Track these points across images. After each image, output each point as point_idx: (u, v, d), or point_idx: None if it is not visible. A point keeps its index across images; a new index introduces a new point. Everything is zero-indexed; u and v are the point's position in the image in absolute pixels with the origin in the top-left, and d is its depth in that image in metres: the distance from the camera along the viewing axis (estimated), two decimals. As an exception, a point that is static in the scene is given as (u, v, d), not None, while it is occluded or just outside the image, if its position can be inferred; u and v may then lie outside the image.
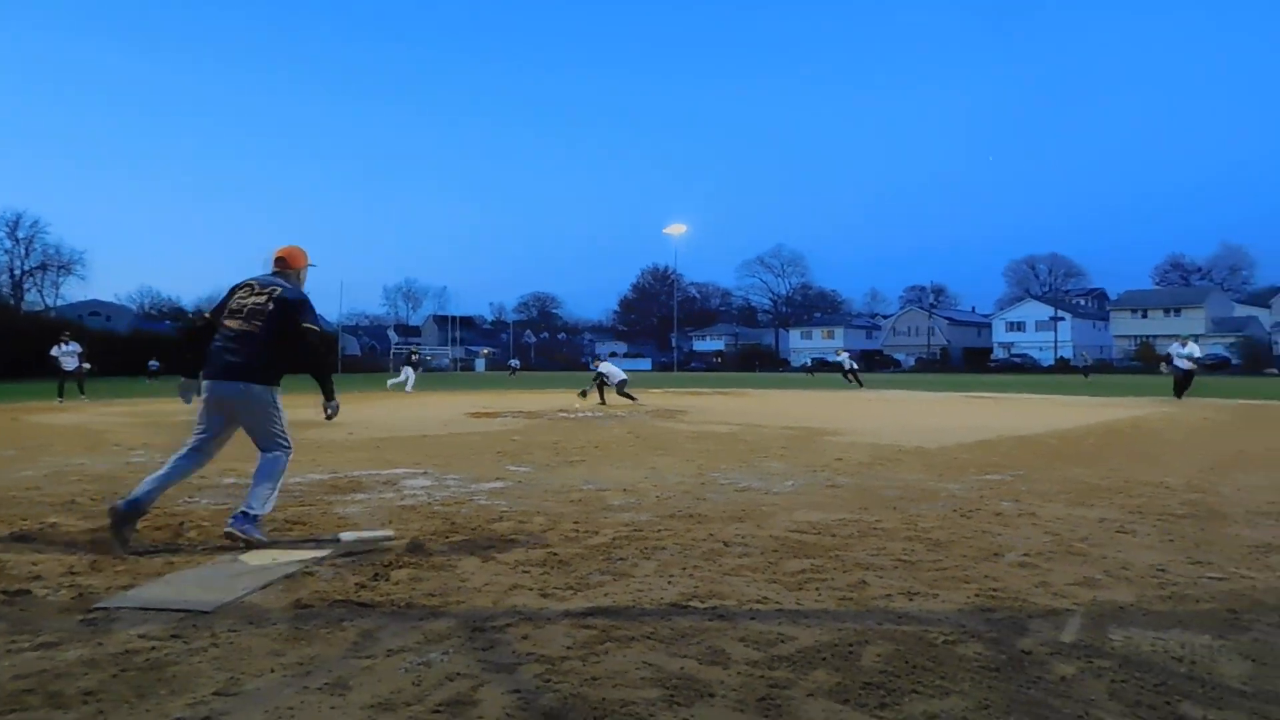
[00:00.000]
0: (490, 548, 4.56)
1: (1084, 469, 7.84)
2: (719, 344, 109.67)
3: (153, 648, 2.98)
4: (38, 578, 3.91)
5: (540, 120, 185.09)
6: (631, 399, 19.80)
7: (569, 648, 2.99)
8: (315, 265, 5.35)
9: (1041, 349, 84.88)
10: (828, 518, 5.42)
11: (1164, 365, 22.49)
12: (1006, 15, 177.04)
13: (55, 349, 21.32)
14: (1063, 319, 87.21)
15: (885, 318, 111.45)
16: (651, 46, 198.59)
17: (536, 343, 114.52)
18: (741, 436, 11.33)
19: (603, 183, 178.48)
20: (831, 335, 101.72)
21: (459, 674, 2.74)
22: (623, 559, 4.31)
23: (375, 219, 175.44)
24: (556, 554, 4.40)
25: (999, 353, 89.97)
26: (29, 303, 71.93)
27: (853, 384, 32.88)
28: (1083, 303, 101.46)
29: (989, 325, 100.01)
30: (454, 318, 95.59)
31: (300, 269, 5.17)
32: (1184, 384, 20.82)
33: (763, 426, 13.07)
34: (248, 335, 4.71)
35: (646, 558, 4.35)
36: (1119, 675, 2.71)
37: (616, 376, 20.17)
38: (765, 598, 3.62)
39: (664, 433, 12.01)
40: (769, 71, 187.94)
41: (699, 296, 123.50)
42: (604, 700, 2.52)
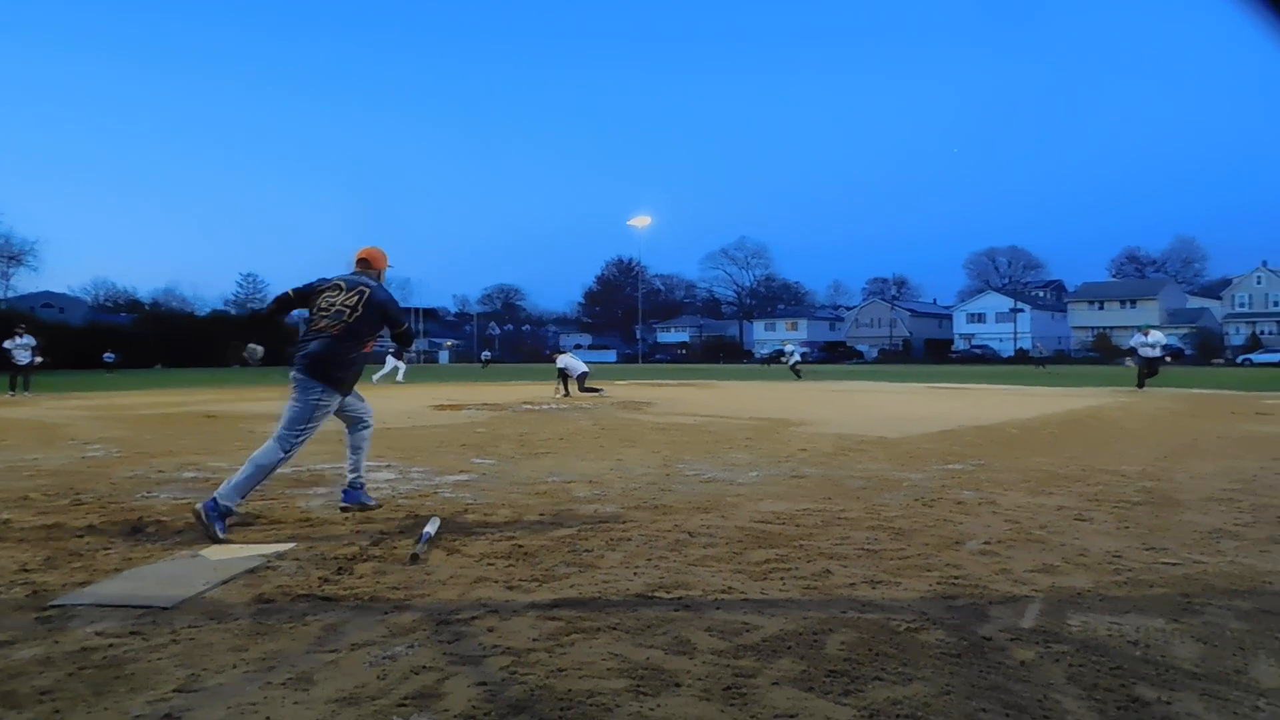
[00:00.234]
0: (456, 540, 4.54)
1: (1043, 458, 7.97)
2: (684, 336, 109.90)
3: (111, 645, 2.93)
4: (-9, 575, 3.83)
5: (503, 114, 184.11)
6: (595, 391, 19.72)
7: (535, 639, 2.98)
8: (393, 266, 5.77)
9: (1002, 340, 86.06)
10: (792, 508, 5.46)
11: (1128, 359, 22.05)
12: (971, 8, 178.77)
13: (9, 341, 20.78)
14: (1022, 310, 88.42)
15: (848, 309, 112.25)
16: (614, 40, 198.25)
17: (501, 335, 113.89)
18: (707, 428, 11.36)
19: (566, 175, 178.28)
20: (795, 327, 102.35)
21: (424, 667, 2.72)
22: (589, 550, 4.31)
23: (335, 212, 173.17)
24: (522, 546, 4.39)
25: (960, 344, 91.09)
26: (-22, 294, 70.34)
27: (792, 376, 33.30)
28: (1042, 295, 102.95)
29: (950, 317, 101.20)
30: (418, 309, 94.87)
31: (382, 269, 5.57)
32: (1148, 373, 20.48)
33: (728, 418, 13.13)
34: (331, 336, 5.05)
35: (612, 549, 4.35)
36: (1077, 659, 2.77)
37: (577, 369, 19.89)
38: (731, 588, 3.64)
39: (629, 424, 12.01)
40: (733, 64, 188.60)
41: (664, 288, 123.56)
42: (570, 691, 2.52)
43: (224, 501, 4.67)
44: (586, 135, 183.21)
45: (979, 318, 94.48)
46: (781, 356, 36.62)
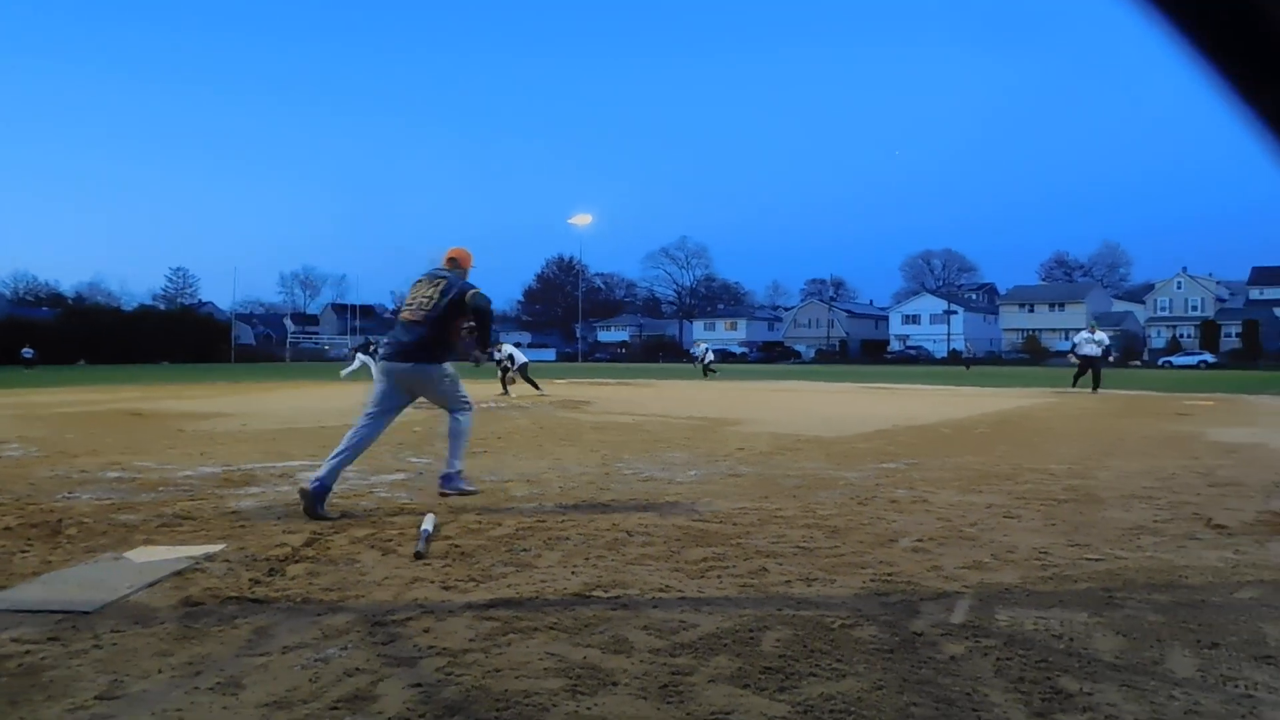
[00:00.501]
0: (391, 540, 4.48)
1: (974, 457, 8.15)
2: (624, 335, 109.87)
3: (27, 652, 2.82)
4: (-101, 580, 3.67)
5: (438, 110, 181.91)
6: (535, 387, 19.68)
7: (471, 640, 2.96)
8: (476, 268, 6.18)
9: (935, 341, 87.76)
10: (729, 506, 5.50)
11: (1072, 355, 21.40)
12: (909, 20, 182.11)
13: None
14: (955, 312, 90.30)
15: (787, 310, 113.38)
16: (553, 35, 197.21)
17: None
18: (645, 427, 11.39)
19: (505, 172, 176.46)
20: (734, 327, 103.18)
21: (358, 669, 2.68)
22: (526, 550, 4.29)
23: (270, 207, 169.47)
24: (458, 546, 4.35)
25: (895, 345, 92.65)
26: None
27: (702, 374, 33.97)
28: (974, 297, 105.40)
29: (886, 318, 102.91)
30: (354, 306, 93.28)
31: (467, 267, 5.98)
32: (1089, 372, 19.82)
33: (666, 417, 13.18)
34: (416, 324, 5.51)
35: (550, 548, 4.34)
36: (1004, 653, 2.83)
37: (520, 360, 19.88)
38: (668, 586, 3.65)
39: (568, 423, 11.99)
40: (673, 63, 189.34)
41: (604, 287, 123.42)
42: (506, 691, 2.51)
43: (452, 468, 5.65)
44: (528, 132, 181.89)
45: (914, 319, 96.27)
46: (696, 356, 37.63)
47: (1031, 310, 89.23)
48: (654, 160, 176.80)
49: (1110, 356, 20.72)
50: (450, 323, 5.55)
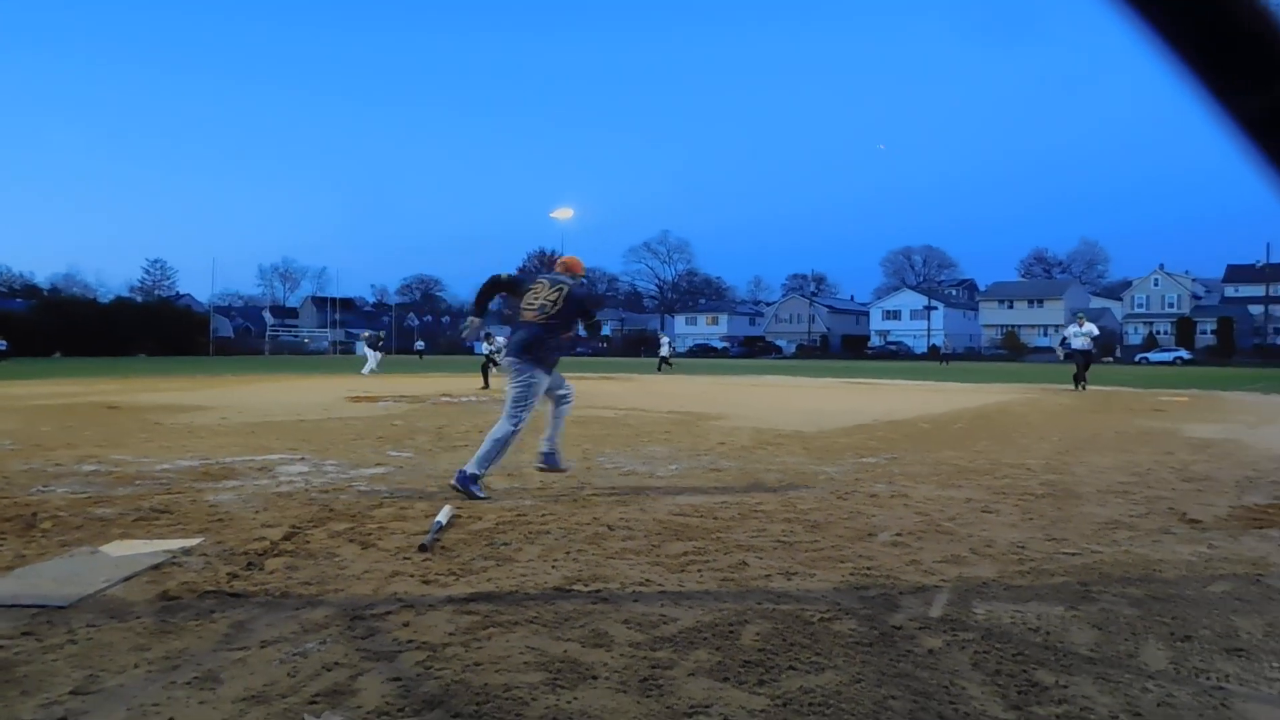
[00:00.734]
0: (370, 535, 4.46)
1: (953, 452, 8.21)
2: (605, 329, 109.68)
3: (1, 647, 2.80)
4: None
5: (423, 100, 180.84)
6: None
7: (451, 634, 2.95)
8: (586, 278, 6.61)
9: (916, 337, 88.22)
10: (710, 500, 5.51)
11: (1059, 350, 20.92)
12: (892, 15, 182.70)
13: None
14: (935, 308, 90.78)
15: (768, 305, 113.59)
16: (533, 27, 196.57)
17: (420, 326, 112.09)
18: (626, 421, 11.40)
19: (487, 166, 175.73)
20: (716, 321, 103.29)
21: (337, 663, 2.67)
22: (506, 544, 4.29)
23: (248, 199, 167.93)
24: (439, 540, 4.34)
25: (876, 340, 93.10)
26: None
27: (662, 369, 34.52)
28: (954, 293, 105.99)
29: (867, 314, 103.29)
30: (333, 299, 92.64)
31: (580, 274, 6.43)
32: (1082, 368, 19.19)
33: (647, 411, 13.18)
34: (536, 325, 5.84)
35: (530, 542, 4.34)
36: (981, 647, 2.86)
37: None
38: (648, 580, 3.66)
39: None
40: (655, 59, 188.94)
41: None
42: (486, 685, 2.51)
43: (471, 469, 5.56)
44: (510, 126, 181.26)
45: (894, 315, 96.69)
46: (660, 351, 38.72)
47: (1011, 306, 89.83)
48: (637, 155, 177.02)
49: (1094, 351, 20.15)
50: (568, 321, 5.96)
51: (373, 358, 28.77)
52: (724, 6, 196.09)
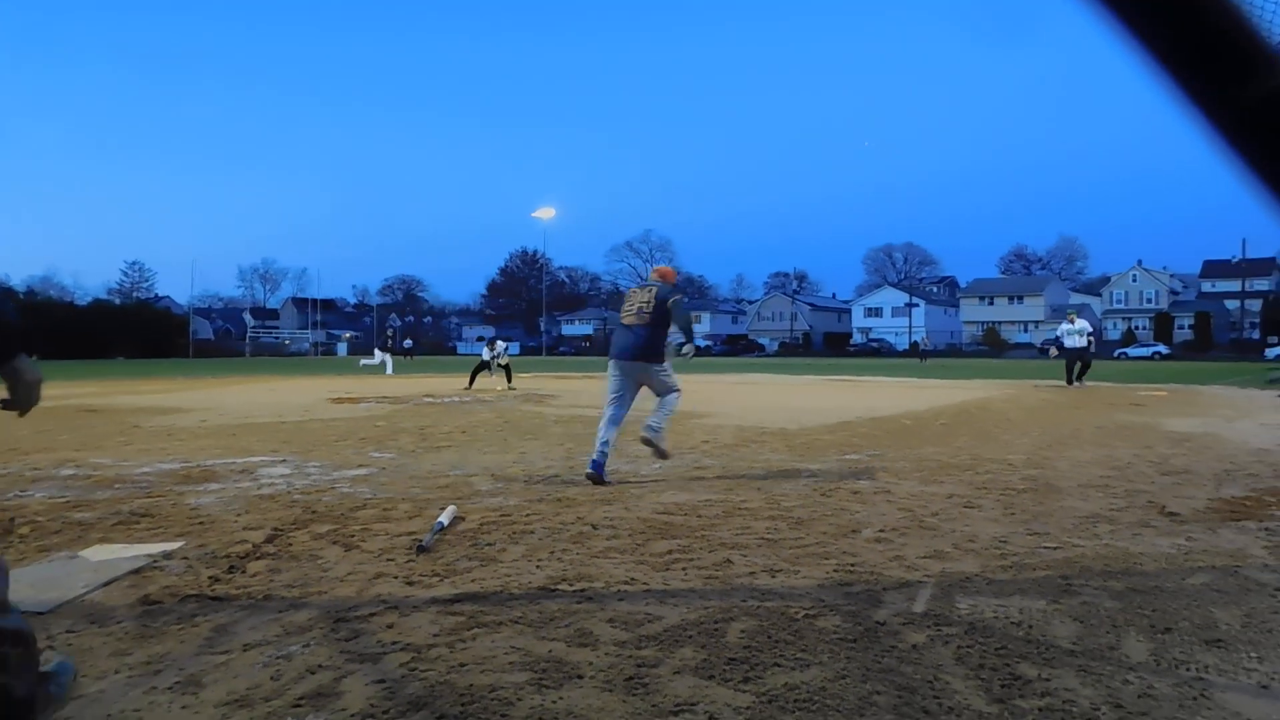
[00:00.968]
0: (354, 536, 4.44)
1: (935, 448, 8.25)
2: (588, 328, 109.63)
3: (-20, 652, 2.76)
4: None
5: (401, 102, 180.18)
6: (508, 379, 19.87)
7: (435, 635, 2.94)
8: (679, 287, 6.95)
9: (897, 334, 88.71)
10: (694, 499, 5.52)
11: (1052, 350, 20.91)
12: (876, 14, 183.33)
13: None
14: (917, 305, 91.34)
15: (750, 303, 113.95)
16: (514, 26, 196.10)
17: (401, 326, 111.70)
18: (611, 420, 11.36)
19: (468, 165, 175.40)
20: (698, 320, 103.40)
21: (321, 666, 2.66)
22: (490, 544, 4.28)
23: (228, 200, 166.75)
24: (421, 540, 4.33)
25: (858, 337, 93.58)
26: None
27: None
28: (935, 290, 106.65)
29: (849, 311, 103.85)
30: (314, 300, 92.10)
31: (673, 280, 6.93)
32: (1078, 365, 19.27)
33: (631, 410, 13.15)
34: (638, 327, 6.50)
35: (515, 542, 4.33)
36: (964, 641, 2.88)
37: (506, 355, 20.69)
38: (633, 579, 3.66)
39: (532, 417, 11.95)
40: (636, 57, 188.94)
41: (568, 280, 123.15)
42: (471, 686, 2.50)
43: (656, 423, 6.56)
44: (491, 125, 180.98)
45: (876, 312, 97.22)
46: None
47: (991, 303, 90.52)
48: (618, 154, 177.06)
49: (1092, 347, 20.02)
50: (663, 323, 6.49)
51: (387, 360, 29.29)
52: (705, 4, 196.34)
